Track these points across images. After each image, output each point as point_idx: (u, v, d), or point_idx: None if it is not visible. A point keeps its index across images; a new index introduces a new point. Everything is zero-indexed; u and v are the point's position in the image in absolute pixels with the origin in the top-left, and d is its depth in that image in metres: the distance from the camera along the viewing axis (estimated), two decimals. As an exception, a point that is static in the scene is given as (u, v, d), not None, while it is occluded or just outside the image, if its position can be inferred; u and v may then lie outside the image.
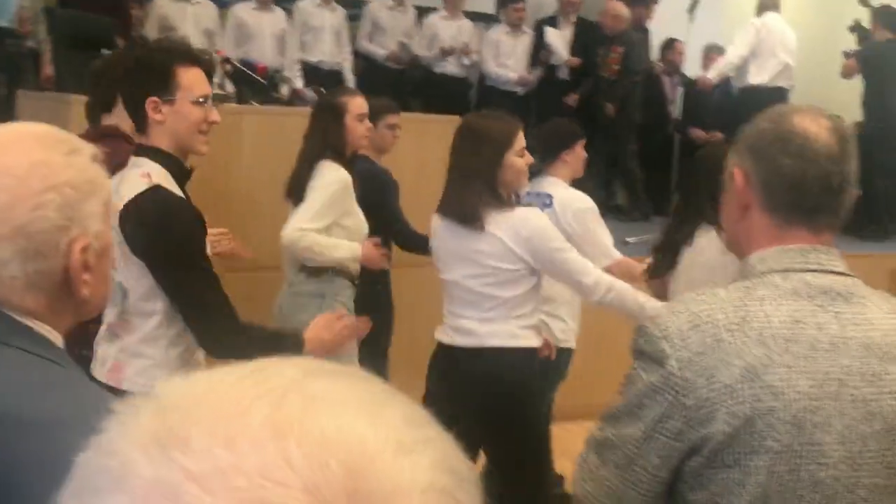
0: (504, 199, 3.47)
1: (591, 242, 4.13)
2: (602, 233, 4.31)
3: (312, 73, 8.30)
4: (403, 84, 9.11)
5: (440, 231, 3.61)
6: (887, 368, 1.56)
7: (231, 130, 5.00)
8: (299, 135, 4.22)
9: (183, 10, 7.88)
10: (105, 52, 5.44)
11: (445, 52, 8.87)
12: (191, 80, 2.68)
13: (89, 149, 1.40)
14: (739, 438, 1.50)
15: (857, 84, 8.58)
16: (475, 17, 9.34)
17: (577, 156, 4.40)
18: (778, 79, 8.47)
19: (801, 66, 8.67)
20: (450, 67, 8.99)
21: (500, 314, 3.49)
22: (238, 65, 5.75)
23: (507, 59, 9.02)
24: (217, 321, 2.66)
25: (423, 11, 9.17)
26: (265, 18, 8.34)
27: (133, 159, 2.72)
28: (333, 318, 2.91)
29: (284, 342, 2.74)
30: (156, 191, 2.61)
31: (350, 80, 8.70)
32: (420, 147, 5.61)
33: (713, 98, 8.93)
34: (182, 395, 0.53)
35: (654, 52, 9.15)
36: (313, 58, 8.53)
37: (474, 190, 3.43)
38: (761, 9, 8.62)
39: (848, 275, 1.63)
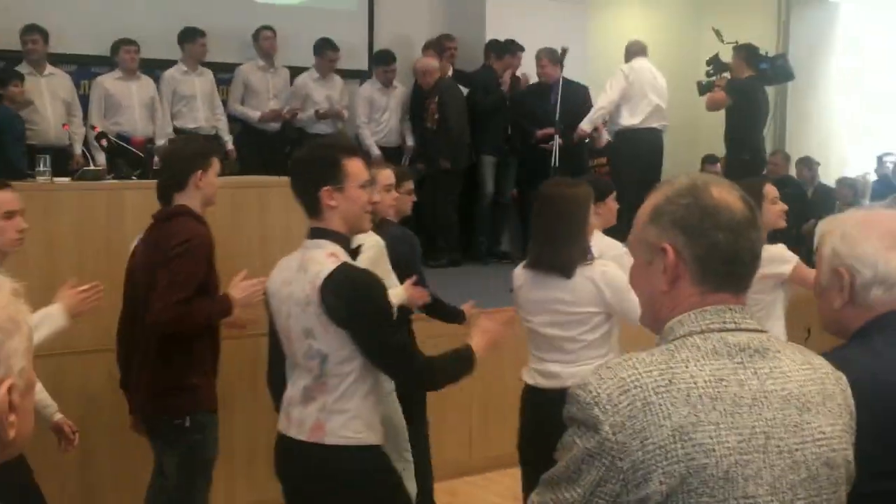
0: (589, 252, 3.95)
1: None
2: None
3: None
4: (280, 145, 9.09)
5: (527, 282, 4.04)
6: (806, 418, 1.63)
7: (112, 206, 4.91)
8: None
9: (37, 83, 7.71)
10: None
11: (321, 116, 8.89)
12: (355, 168, 3.14)
13: (7, 283, 1.32)
14: (676, 497, 1.54)
15: (718, 121, 8.95)
16: (346, 74, 9.41)
17: (609, 208, 4.75)
18: (650, 120, 8.75)
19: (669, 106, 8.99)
20: (324, 127, 9.01)
21: (581, 357, 3.91)
22: (114, 139, 5.63)
23: (380, 114, 9.14)
24: (412, 366, 3.14)
25: (294, 71, 9.19)
26: (133, 87, 8.25)
27: (311, 241, 3.14)
28: (492, 318, 3.45)
29: (463, 356, 3.22)
30: (346, 267, 3.05)
31: (228, 141, 8.66)
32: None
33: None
34: None
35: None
36: (189, 124, 8.44)
37: (570, 247, 3.90)
38: (629, 55, 8.90)
39: (760, 331, 1.70)
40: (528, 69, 9.44)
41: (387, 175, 4.61)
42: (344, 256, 3.10)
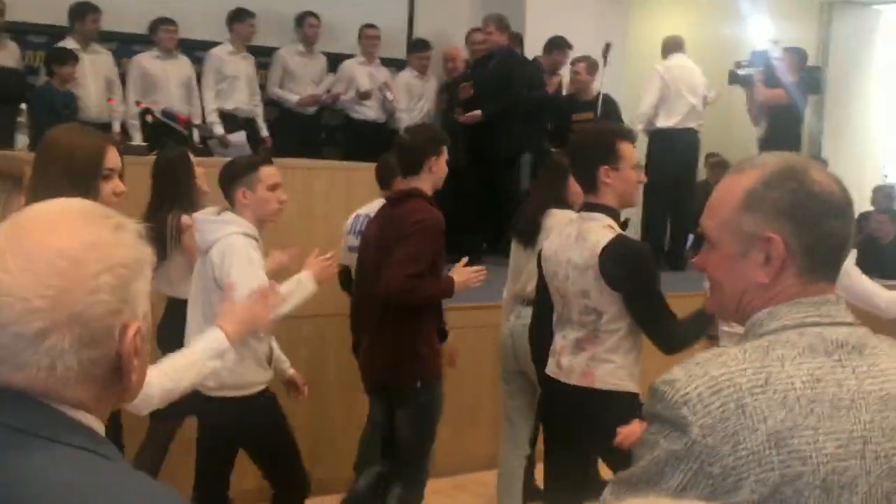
0: None
1: None
2: None
3: (229, 120, 8.21)
4: (317, 130, 9.08)
5: None
6: None
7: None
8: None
9: (82, 60, 7.72)
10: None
11: (363, 95, 8.86)
12: (628, 151, 3.57)
13: (133, 224, 1.31)
14: None
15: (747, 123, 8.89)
16: (385, 62, 9.39)
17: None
18: (686, 120, 8.62)
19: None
20: (369, 112, 8.98)
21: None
22: (160, 116, 5.62)
23: (416, 101, 9.11)
24: (670, 329, 3.51)
25: (333, 58, 9.18)
26: (170, 67, 8.25)
27: (586, 214, 3.59)
28: None
29: (700, 317, 3.52)
30: (622, 238, 3.53)
31: (262, 126, 8.65)
32: (348, 195, 5.62)
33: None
34: None
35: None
36: (229, 105, 8.43)
37: None
38: (666, 51, 8.80)
39: (857, 325, 1.60)
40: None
41: None
42: (617, 228, 3.55)
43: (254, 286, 3.42)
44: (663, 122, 8.62)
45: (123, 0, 8.43)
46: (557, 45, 9.06)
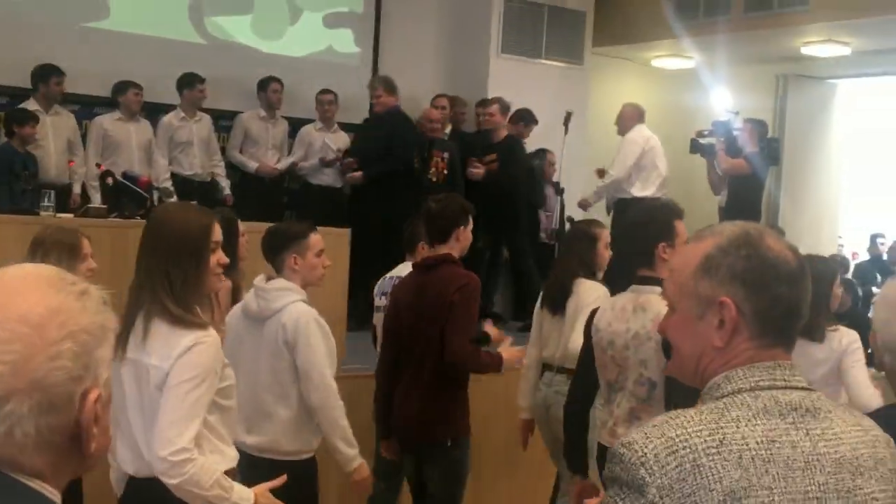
0: None
1: None
2: None
3: (185, 185, 8.20)
4: (279, 194, 9.08)
5: None
6: (858, 483, 1.57)
7: (117, 244, 4.87)
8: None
9: (43, 121, 7.70)
10: None
11: (325, 163, 8.89)
12: (682, 229, 3.75)
13: (97, 291, 1.30)
14: None
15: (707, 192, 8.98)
16: (348, 127, 9.44)
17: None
18: (660, 190, 8.69)
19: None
20: (326, 178, 9.00)
21: None
22: (119, 178, 5.61)
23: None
24: None
25: (294, 123, 9.22)
26: (132, 129, 8.27)
27: (643, 287, 3.73)
28: None
29: None
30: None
31: (225, 187, 8.63)
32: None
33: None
34: None
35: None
36: (185, 171, 8.43)
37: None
38: (632, 120, 8.82)
39: (810, 389, 1.64)
40: (534, 138, 9.45)
41: (607, 234, 5.25)
42: None
43: (326, 372, 3.94)
44: (639, 192, 8.63)
45: (87, 63, 8.44)
46: (523, 118, 9.17)
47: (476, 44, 10.32)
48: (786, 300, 1.63)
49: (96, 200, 7.16)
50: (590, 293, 4.88)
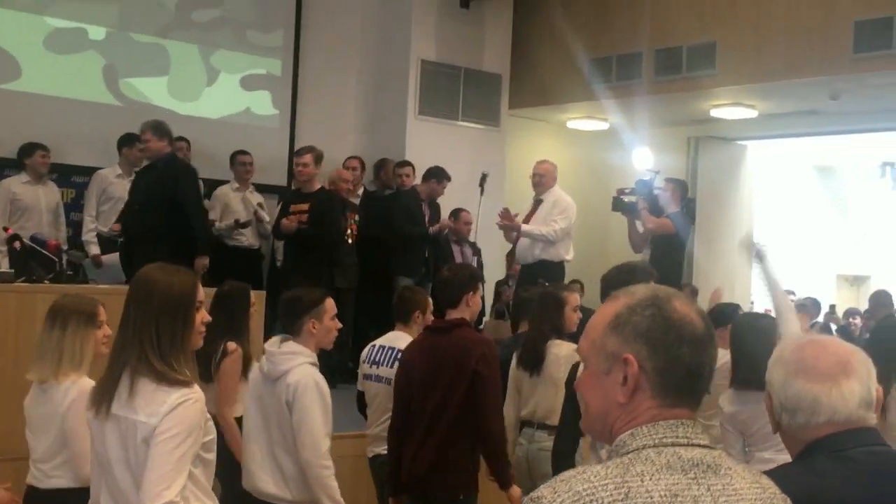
0: None
1: None
2: None
3: (108, 242, 8.10)
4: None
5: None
6: None
7: (24, 309, 4.76)
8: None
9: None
10: None
11: (240, 225, 8.83)
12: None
13: None
14: None
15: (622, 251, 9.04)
16: (265, 188, 9.42)
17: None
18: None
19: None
20: (243, 239, 8.95)
21: None
22: (28, 242, 5.49)
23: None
24: None
25: (212, 184, 9.16)
26: (40, 192, 8.15)
27: None
28: None
29: None
30: None
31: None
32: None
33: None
34: None
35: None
36: (106, 227, 8.29)
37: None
38: (552, 180, 8.55)
39: (712, 447, 1.68)
40: (448, 196, 9.50)
41: (575, 298, 5.52)
42: None
43: (316, 432, 4.13)
44: (565, 256, 8.44)
45: (-1, 124, 8.34)
46: (435, 175, 9.22)
47: (394, 106, 10.43)
48: (687, 361, 1.67)
49: (3, 265, 6.97)
50: (562, 349, 5.22)
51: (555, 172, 8.56)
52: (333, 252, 8.23)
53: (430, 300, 5.42)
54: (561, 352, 5.21)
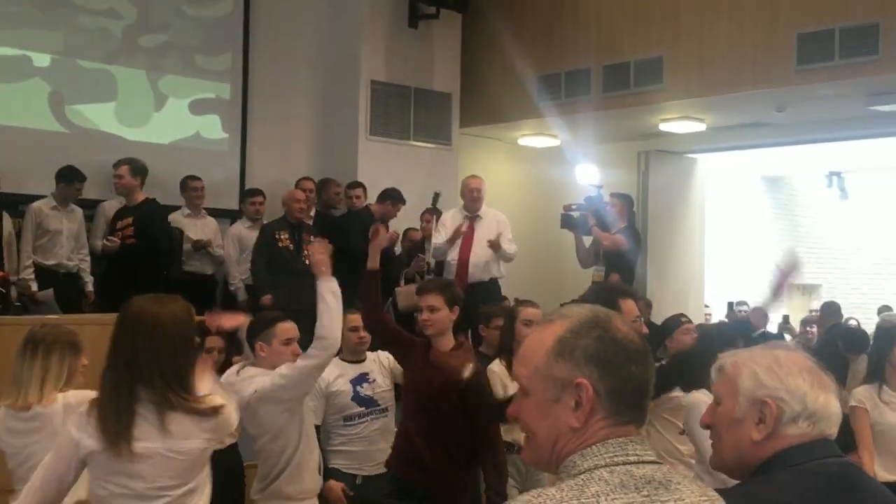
0: None
1: None
2: None
3: (49, 275, 7.94)
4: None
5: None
6: None
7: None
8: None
9: None
10: None
11: (198, 246, 8.74)
12: (629, 307, 4.01)
13: None
14: None
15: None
16: (217, 213, 9.35)
17: None
18: None
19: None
20: (198, 265, 8.86)
21: None
22: (-26, 272, 5.40)
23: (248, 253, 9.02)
24: None
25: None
26: (-2, 221, 7.99)
27: None
28: None
29: None
30: None
31: (88, 281, 8.38)
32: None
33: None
34: None
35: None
36: (49, 261, 8.16)
37: None
38: (481, 202, 8.56)
39: (660, 462, 1.69)
40: (400, 215, 9.44)
41: (530, 314, 5.50)
42: None
43: None
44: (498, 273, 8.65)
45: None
46: (391, 196, 9.19)
47: (345, 127, 10.42)
48: (637, 378, 1.68)
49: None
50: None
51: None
52: (162, 264, 8.00)
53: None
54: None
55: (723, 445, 2.14)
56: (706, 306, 12.64)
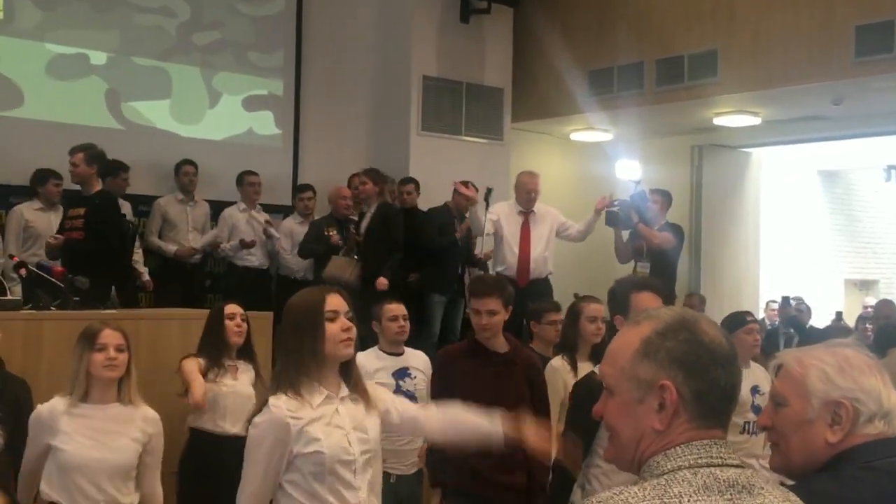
0: None
1: None
2: None
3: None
4: (200, 278, 8.95)
5: None
6: None
7: (30, 337, 4.73)
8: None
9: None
10: None
11: (246, 245, 8.81)
12: (641, 301, 3.82)
13: None
14: None
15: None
16: (270, 208, 9.41)
17: None
18: None
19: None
20: (252, 259, 8.93)
21: None
22: (33, 269, 5.46)
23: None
24: None
25: (216, 206, 9.14)
26: (52, 218, 8.06)
27: None
28: None
29: None
30: None
31: (143, 272, 8.46)
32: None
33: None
34: None
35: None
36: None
37: None
38: (537, 200, 8.73)
39: (744, 466, 1.66)
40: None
41: (594, 308, 5.28)
42: None
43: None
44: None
45: (3, 152, 8.31)
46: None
47: (396, 123, 10.42)
48: (722, 382, 1.66)
49: (17, 292, 6.90)
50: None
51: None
52: (114, 263, 7.19)
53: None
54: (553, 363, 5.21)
55: (790, 447, 2.08)
56: (773, 301, 12.41)
